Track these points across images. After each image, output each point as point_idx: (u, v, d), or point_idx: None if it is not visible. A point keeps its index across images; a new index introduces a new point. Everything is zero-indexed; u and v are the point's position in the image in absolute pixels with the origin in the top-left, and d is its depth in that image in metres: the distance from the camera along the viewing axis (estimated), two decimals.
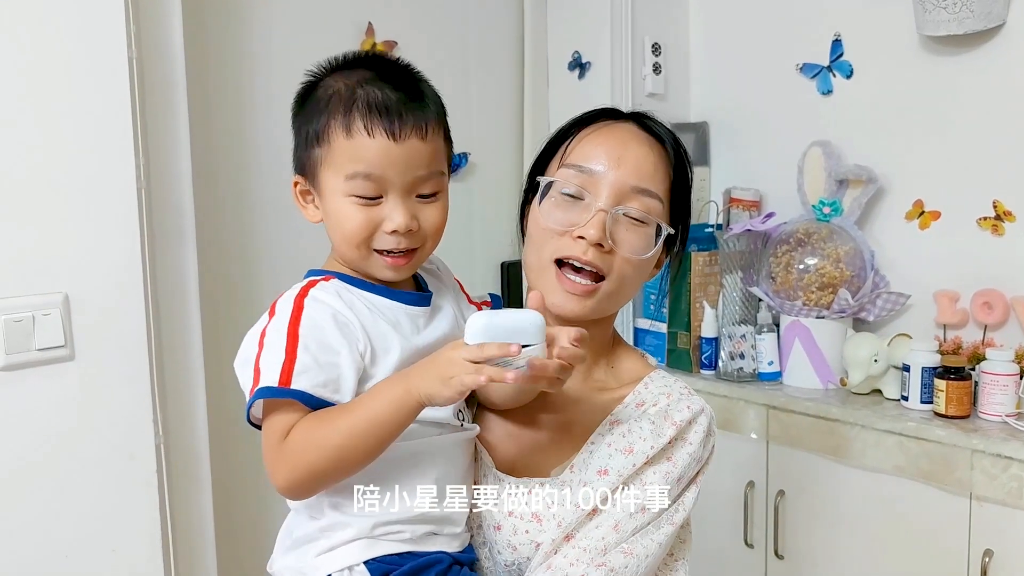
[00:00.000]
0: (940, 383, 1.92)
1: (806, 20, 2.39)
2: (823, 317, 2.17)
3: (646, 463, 1.06)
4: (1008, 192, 2.05)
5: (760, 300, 2.29)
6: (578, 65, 2.56)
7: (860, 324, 2.25)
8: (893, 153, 2.23)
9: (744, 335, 2.26)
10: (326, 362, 0.95)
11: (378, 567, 0.99)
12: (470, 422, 1.11)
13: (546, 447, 1.13)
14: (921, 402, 1.96)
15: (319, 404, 0.94)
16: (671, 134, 1.16)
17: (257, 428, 0.99)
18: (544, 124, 2.57)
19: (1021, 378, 1.90)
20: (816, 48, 2.37)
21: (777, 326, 2.27)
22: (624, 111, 1.18)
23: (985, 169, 2.09)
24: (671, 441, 1.07)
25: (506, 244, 2.55)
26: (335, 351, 0.96)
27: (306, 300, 0.98)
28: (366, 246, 1.01)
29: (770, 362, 2.25)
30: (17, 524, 1.50)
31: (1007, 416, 1.86)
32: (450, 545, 1.05)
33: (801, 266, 2.19)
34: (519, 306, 0.98)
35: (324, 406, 0.94)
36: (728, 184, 2.56)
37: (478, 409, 1.17)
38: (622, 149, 1.11)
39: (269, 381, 0.93)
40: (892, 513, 1.93)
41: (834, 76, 2.35)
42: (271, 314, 0.99)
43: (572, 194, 1.10)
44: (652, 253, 1.11)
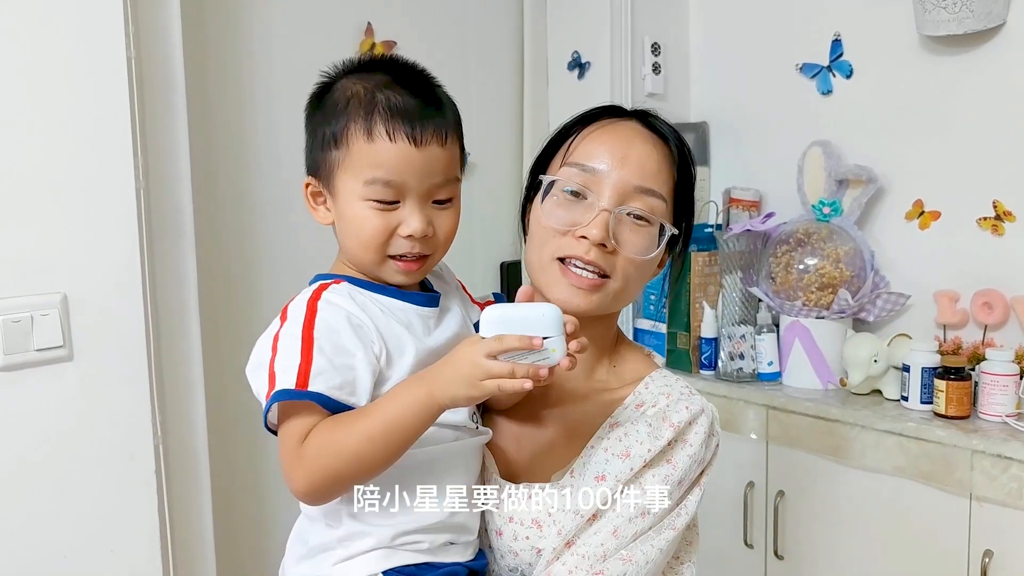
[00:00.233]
0: (940, 383, 1.92)
1: (806, 20, 2.39)
2: (823, 317, 2.17)
3: (644, 467, 1.03)
4: (1008, 192, 2.05)
5: (760, 300, 2.29)
6: (578, 65, 2.56)
7: (860, 324, 2.25)
8: (893, 153, 2.23)
9: (744, 335, 2.26)
10: (342, 364, 0.93)
11: None
12: (481, 425, 1.10)
13: (548, 450, 1.12)
14: (921, 402, 1.96)
15: (336, 407, 0.93)
16: (675, 132, 1.15)
17: (274, 433, 0.97)
18: (544, 124, 2.56)
19: (1021, 378, 1.90)
20: (816, 48, 2.37)
21: (777, 326, 2.26)
22: (628, 109, 1.16)
23: (985, 169, 2.09)
24: (670, 443, 1.05)
25: (506, 244, 2.55)
26: (350, 353, 0.95)
27: (319, 303, 0.97)
28: (381, 251, 0.99)
29: (770, 362, 2.24)
30: (16, 524, 1.50)
31: (1007, 416, 1.86)
32: (463, 554, 1.04)
33: (801, 266, 2.19)
34: None
35: (341, 409, 0.93)
36: (728, 184, 2.56)
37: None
38: (626, 148, 1.09)
39: (285, 384, 0.91)
40: (892, 513, 1.93)
41: (834, 76, 2.35)
42: (283, 319, 0.97)
43: (575, 193, 1.08)
44: (655, 253, 1.10)
